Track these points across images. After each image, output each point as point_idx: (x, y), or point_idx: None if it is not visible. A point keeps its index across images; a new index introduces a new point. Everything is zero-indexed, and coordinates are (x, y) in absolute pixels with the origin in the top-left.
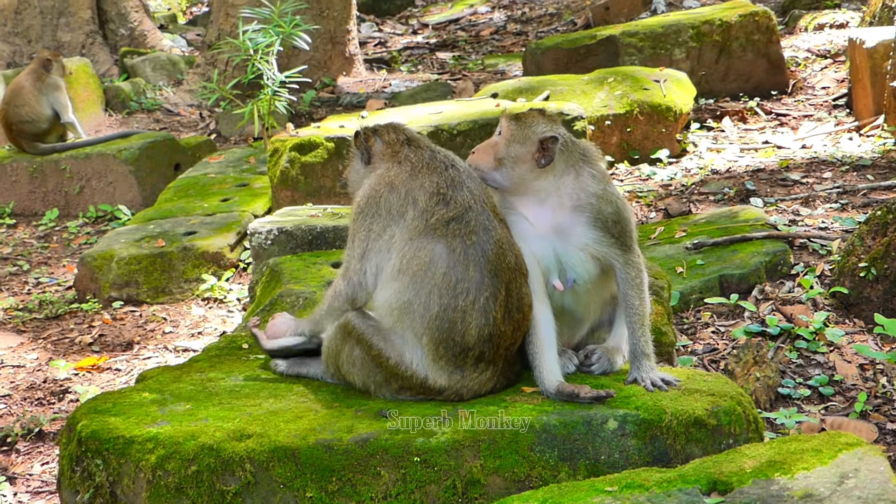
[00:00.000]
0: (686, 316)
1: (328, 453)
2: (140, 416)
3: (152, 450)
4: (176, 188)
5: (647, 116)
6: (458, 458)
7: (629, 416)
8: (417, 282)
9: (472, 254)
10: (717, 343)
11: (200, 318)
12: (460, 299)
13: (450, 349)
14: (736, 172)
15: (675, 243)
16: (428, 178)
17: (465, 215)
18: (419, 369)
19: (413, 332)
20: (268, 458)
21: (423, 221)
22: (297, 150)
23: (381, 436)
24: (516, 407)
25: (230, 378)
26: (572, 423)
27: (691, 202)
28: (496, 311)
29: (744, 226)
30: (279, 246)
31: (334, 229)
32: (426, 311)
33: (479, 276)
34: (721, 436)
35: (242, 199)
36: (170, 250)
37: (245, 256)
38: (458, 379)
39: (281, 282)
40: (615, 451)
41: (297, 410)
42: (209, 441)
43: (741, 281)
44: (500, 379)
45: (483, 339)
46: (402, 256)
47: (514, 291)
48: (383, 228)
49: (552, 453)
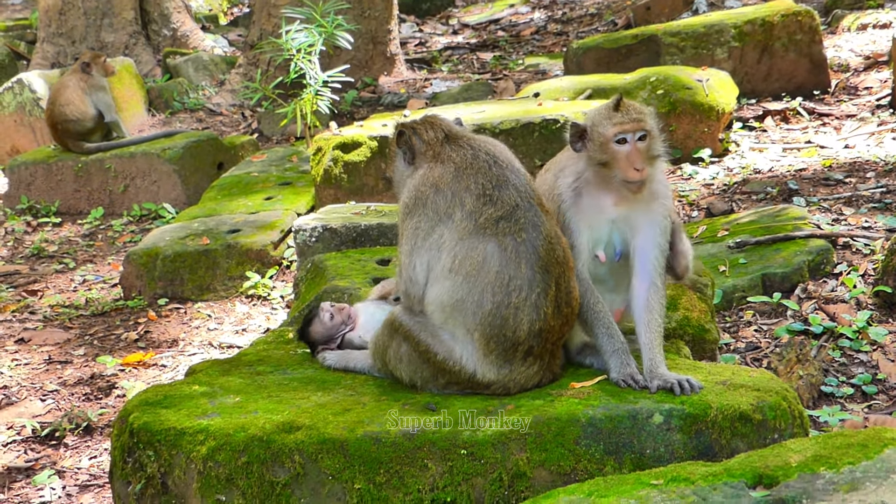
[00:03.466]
0: (729, 314)
1: (376, 445)
2: (191, 408)
3: (203, 441)
4: (219, 187)
5: (690, 116)
6: (504, 451)
7: (675, 411)
8: (470, 280)
9: (523, 251)
10: (760, 341)
11: (244, 314)
12: (513, 296)
13: (500, 344)
14: (778, 172)
15: (718, 242)
16: (473, 178)
17: (513, 213)
18: (468, 364)
19: (465, 328)
20: (316, 449)
21: (472, 222)
22: (341, 148)
23: (428, 428)
24: (562, 401)
25: (278, 371)
26: (618, 418)
27: (733, 201)
28: (547, 306)
29: (787, 224)
30: (323, 243)
31: (378, 227)
32: (479, 309)
33: (530, 273)
34: (766, 430)
35: (286, 198)
36: (214, 248)
37: (288, 254)
38: (507, 373)
39: (325, 278)
40: (661, 446)
41: (345, 403)
42: (259, 433)
43: (784, 280)
44: (546, 373)
45: (533, 334)
46: (454, 256)
47: (563, 286)
48: (431, 227)
49: (598, 447)
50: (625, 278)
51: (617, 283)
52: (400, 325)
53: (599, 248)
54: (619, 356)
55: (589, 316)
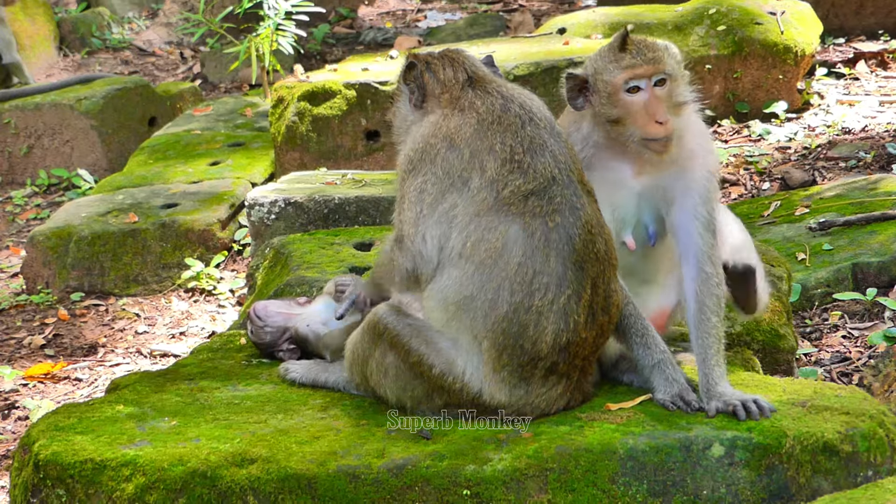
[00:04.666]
0: (809, 316)
1: (353, 484)
2: (113, 434)
3: (129, 477)
4: (151, 149)
5: (760, 59)
6: (519, 491)
7: (739, 440)
8: (484, 272)
9: (554, 240)
10: (850, 350)
11: (183, 314)
12: (536, 297)
13: (516, 357)
14: (874, 132)
15: (796, 222)
16: (500, 137)
17: (547, 189)
18: (473, 381)
19: (471, 334)
20: (276, 488)
21: (493, 193)
22: (308, 99)
23: (420, 462)
24: (594, 427)
25: (227, 387)
26: (667, 449)
27: (816, 170)
28: (579, 313)
29: (884, 200)
30: (286, 221)
31: (357, 201)
32: (492, 310)
33: (561, 269)
34: (857, 466)
35: (237, 163)
36: (144, 227)
37: (240, 236)
38: (522, 395)
39: (289, 267)
40: (721, 485)
41: (313, 429)
42: (201, 467)
43: (881, 271)
44: (574, 394)
45: (559, 348)
46: (467, 237)
47: (601, 288)
48: (441, 193)
49: (640, 486)
50: (663, 266)
51: (653, 273)
52: (385, 328)
53: (626, 231)
54: (663, 370)
55: (630, 336)
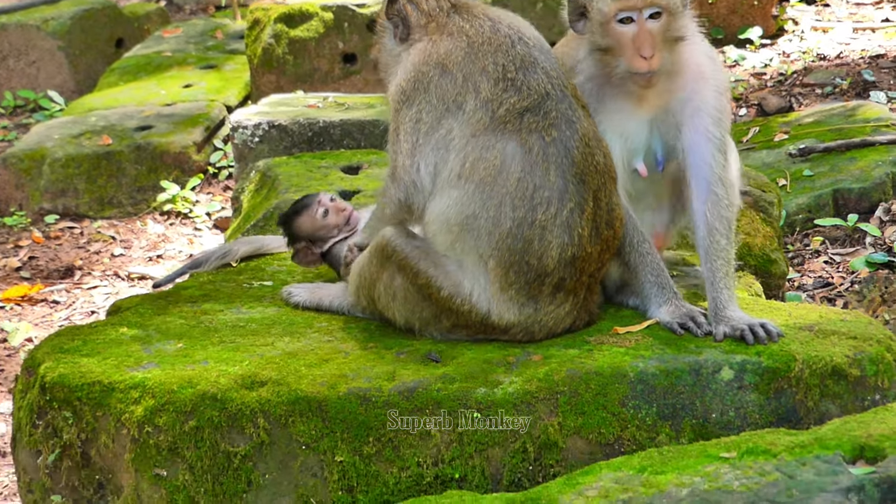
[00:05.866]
0: (791, 241)
1: (364, 406)
2: (120, 356)
3: (138, 399)
4: (122, 70)
5: None
6: (529, 413)
7: (748, 364)
8: (485, 190)
9: (552, 153)
10: (832, 276)
11: (159, 237)
12: (539, 212)
13: (522, 275)
14: (849, 59)
15: (775, 148)
16: (491, 57)
17: (542, 104)
18: (481, 301)
19: (477, 254)
20: (286, 411)
21: (489, 113)
22: (285, 21)
23: (431, 385)
24: (603, 350)
25: (231, 310)
26: (676, 372)
27: (792, 96)
28: (582, 226)
29: (863, 126)
30: (270, 144)
31: (341, 124)
32: (495, 228)
33: (561, 183)
34: (865, 390)
35: (210, 85)
36: (118, 150)
37: (216, 159)
38: (531, 313)
39: (276, 190)
40: (730, 408)
41: (321, 352)
42: (211, 389)
43: (861, 198)
44: (580, 314)
45: (565, 263)
46: (465, 158)
47: (603, 202)
48: (437, 120)
49: (650, 409)
50: (668, 191)
51: (658, 199)
52: (393, 250)
53: (637, 159)
54: (668, 294)
55: (633, 258)
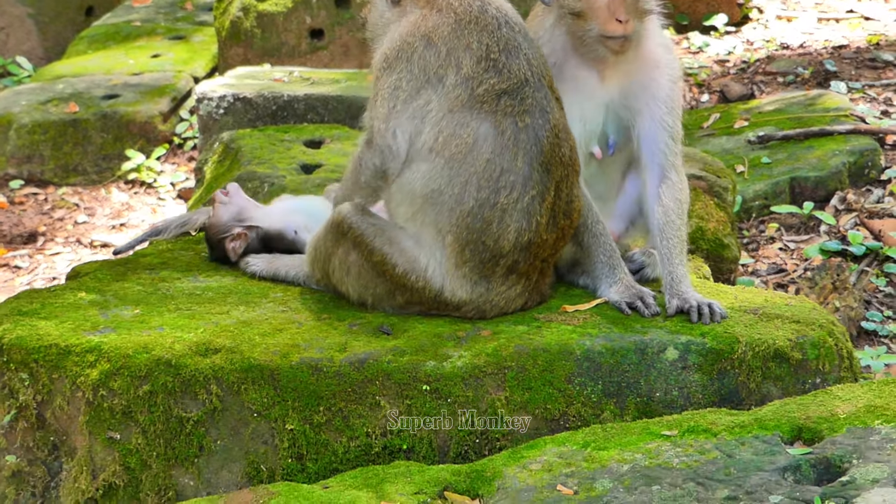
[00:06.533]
0: (747, 227)
1: (315, 376)
2: (77, 320)
3: (94, 363)
4: (90, 38)
5: None
6: (477, 388)
7: (693, 345)
8: (453, 167)
9: (523, 140)
10: (786, 262)
11: (123, 205)
12: (502, 195)
13: (478, 254)
14: (812, 48)
15: (735, 135)
16: (476, 36)
17: (520, 89)
18: (435, 277)
19: (436, 229)
20: (239, 378)
21: (468, 90)
22: None
23: (382, 357)
24: (551, 328)
25: (188, 278)
26: (622, 351)
27: (754, 84)
28: (541, 214)
29: (822, 116)
30: (234, 116)
31: (306, 98)
32: (458, 205)
33: (527, 170)
34: (806, 373)
35: (178, 56)
36: (85, 117)
37: (181, 129)
38: (482, 292)
39: (239, 162)
40: (673, 388)
41: (275, 321)
42: (166, 354)
43: (817, 186)
44: (532, 295)
45: (520, 247)
46: (439, 132)
47: (564, 192)
48: (416, 90)
49: (595, 387)
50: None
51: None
52: (349, 227)
53: (593, 142)
54: (618, 273)
55: (586, 238)
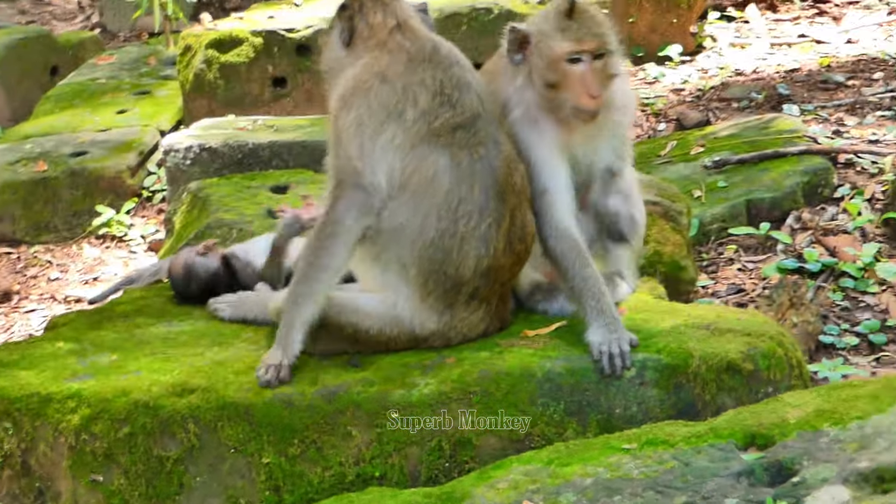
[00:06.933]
0: (706, 250)
1: (288, 410)
2: (57, 369)
3: (75, 409)
4: (57, 97)
5: (655, 4)
6: (444, 413)
7: (649, 362)
8: (417, 200)
9: (479, 171)
10: (745, 282)
11: (95, 260)
12: (461, 224)
13: (440, 283)
14: (765, 73)
15: (692, 161)
16: (430, 72)
17: (473, 123)
18: (404, 317)
19: (399, 265)
20: (215, 416)
21: (426, 125)
22: (216, 47)
23: (351, 388)
24: (513, 352)
25: (162, 323)
26: (581, 371)
27: (709, 110)
28: (498, 240)
29: (776, 139)
30: (201, 166)
31: (270, 146)
32: (420, 237)
33: (483, 199)
34: (758, 383)
35: (144, 111)
36: (54, 175)
37: (150, 182)
38: (447, 320)
39: (207, 210)
40: (632, 403)
41: (248, 360)
42: (144, 397)
43: (773, 207)
44: (493, 320)
45: (480, 273)
46: (404, 167)
47: (518, 219)
48: (380, 124)
49: (557, 406)
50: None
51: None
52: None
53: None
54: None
55: (577, 283)
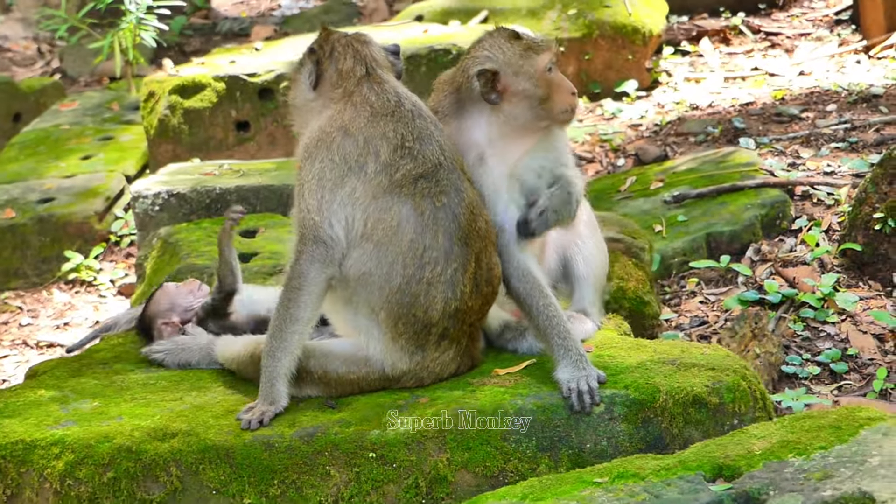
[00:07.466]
0: (668, 283)
1: (268, 451)
2: (39, 416)
3: (59, 455)
4: (21, 144)
5: (610, 40)
6: (420, 452)
7: (617, 397)
8: (381, 249)
9: (441, 218)
10: (707, 315)
11: (65, 305)
12: (427, 270)
13: (410, 325)
14: (720, 107)
15: (651, 196)
16: (392, 126)
17: (435, 172)
18: (375, 355)
19: (369, 308)
20: (197, 459)
21: (388, 177)
22: (179, 92)
23: (329, 429)
24: (485, 390)
25: (141, 370)
26: (552, 408)
27: (667, 145)
28: (465, 283)
29: (733, 172)
30: (169, 212)
31: (237, 190)
32: (387, 283)
33: (448, 245)
34: (724, 416)
35: (109, 156)
36: (21, 222)
37: (117, 227)
38: (419, 360)
39: (178, 255)
40: (602, 438)
41: (226, 403)
42: (126, 442)
43: (732, 239)
44: (463, 359)
45: (448, 315)
46: (367, 217)
47: (483, 262)
48: (340, 178)
49: (529, 443)
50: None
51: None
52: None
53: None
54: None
55: (541, 322)
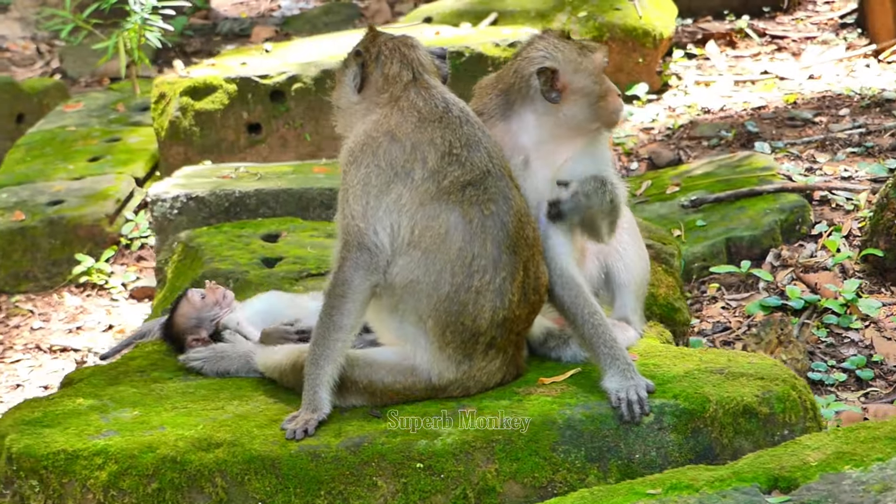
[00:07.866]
0: (689, 289)
1: (314, 462)
2: (80, 426)
3: (102, 465)
4: (27, 146)
5: (620, 43)
6: (468, 462)
7: (667, 407)
8: (429, 257)
9: (490, 226)
10: (730, 320)
11: (77, 309)
12: (475, 279)
13: (458, 334)
14: (732, 111)
15: (668, 200)
16: (439, 132)
17: (483, 180)
18: (422, 364)
19: (416, 316)
20: (242, 470)
21: (435, 184)
22: (190, 94)
23: (375, 439)
24: (532, 400)
25: (179, 378)
26: (601, 418)
27: (681, 149)
28: (513, 292)
29: (751, 177)
30: (188, 216)
31: (256, 194)
32: (435, 291)
33: (496, 253)
34: (775, 426)
35: (117, 158)
36: (31, 225)
37: (127, 230)
38: (466, 370)
39: (201, 260)
40: (652, 449)
41: (269, 413)
42: (170, 452)
43: (752, 244)
44: (510, 368)
45: (496, 324)
46: (414, 225)
47: (531, 270)
48: (386, 184)
49: (578, 453)
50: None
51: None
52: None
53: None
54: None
55: (587, 330)
